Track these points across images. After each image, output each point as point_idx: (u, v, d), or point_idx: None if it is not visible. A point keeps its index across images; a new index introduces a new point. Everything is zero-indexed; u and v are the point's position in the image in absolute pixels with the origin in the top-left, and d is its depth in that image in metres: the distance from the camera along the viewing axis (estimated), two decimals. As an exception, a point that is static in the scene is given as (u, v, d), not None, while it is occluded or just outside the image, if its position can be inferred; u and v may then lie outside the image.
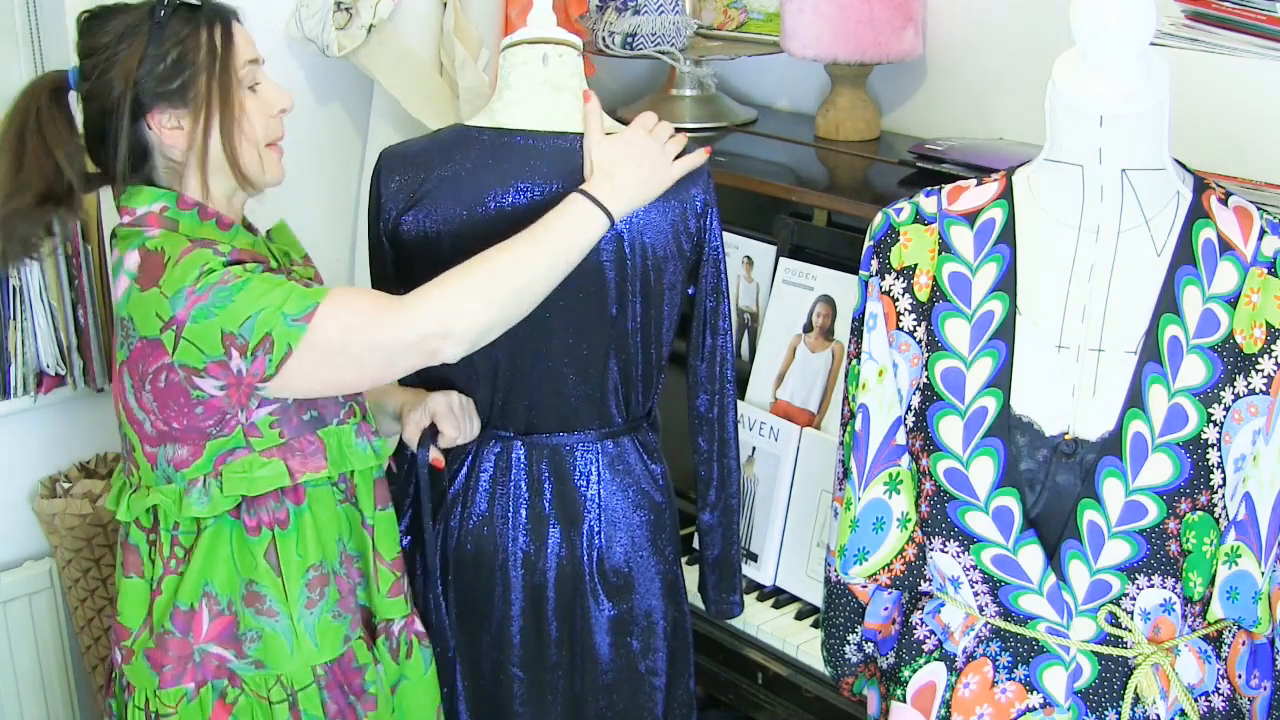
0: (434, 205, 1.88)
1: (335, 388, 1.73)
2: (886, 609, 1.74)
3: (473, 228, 1.86)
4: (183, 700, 1.78)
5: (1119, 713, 1.55)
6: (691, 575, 2.18)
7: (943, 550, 1.60)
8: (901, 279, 1.61)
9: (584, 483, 1.96)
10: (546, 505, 1.96)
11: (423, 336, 1.68)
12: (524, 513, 1.96)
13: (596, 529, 1.97)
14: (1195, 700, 1.57)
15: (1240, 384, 1.49)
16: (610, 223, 1.77)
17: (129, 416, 1.74)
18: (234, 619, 1.78)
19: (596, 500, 1.96)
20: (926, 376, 1.58)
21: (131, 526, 1.82)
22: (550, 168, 1.86)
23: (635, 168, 1.81)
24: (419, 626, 1.93)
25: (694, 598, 2.15)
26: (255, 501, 1.75)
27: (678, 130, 1.87)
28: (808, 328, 2.27)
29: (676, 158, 1.84)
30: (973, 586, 1.59)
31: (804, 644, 2.11)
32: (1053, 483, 1.53)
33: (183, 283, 1.64)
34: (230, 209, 1.77)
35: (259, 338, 1.64)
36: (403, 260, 1.94)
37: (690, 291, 1.96)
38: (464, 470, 1.99)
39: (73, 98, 1.75)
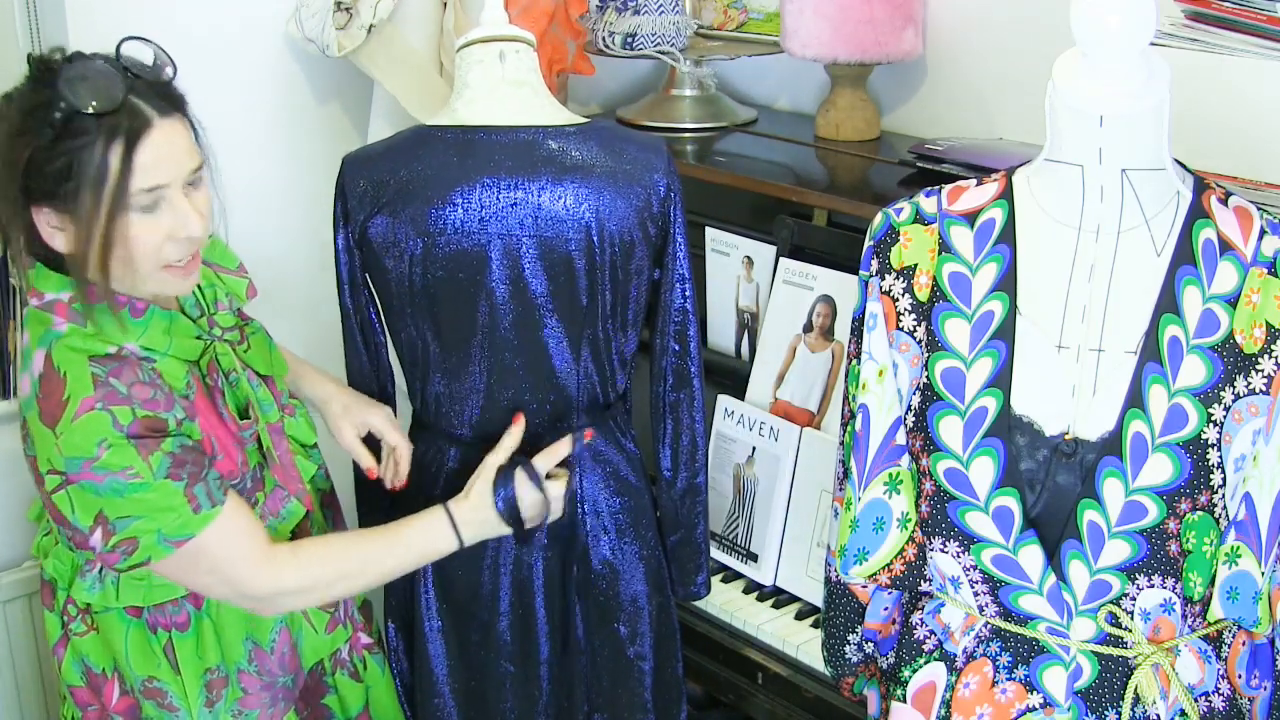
0: (402, 206, 1.88)
1: (176, 586, 1.73)
2: (886, 609, 1.73)
3: (440, 227, 1.88)
4: None
5: (1119, 713, 1.55)
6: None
7: (943, 550, 1.60)
8: (901, 279, 1.61)
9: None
10: None
11: (277, 594, 1.71)
12: None
13: (579, 518, 1.97)
14: (1195, 700, 1.57)
15: (1240, 384, 1.49)
16: (459, 544, 1.84)
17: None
18: (138, 703, 1.78)
19: (578, 488, 1.97)
20: (926, 376, 1.58)
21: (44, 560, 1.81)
22: (515, 161, 1.87)
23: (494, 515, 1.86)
24: (365, 639, 1.97)
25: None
26: (154, 606, 1.75)
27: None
28: (808, 328, 2.27)
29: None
30: (973, 586, 1.59)
31: (804, 644, 2.11)
32: (1053, 483, 1.53)
33: (81, 453, 1.58)
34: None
35: (125, 537, 1.61)
36: (371, 265, 1.94)
37: (655, 275, 1.98)
38: (442, 476, 2.00)
39: None
